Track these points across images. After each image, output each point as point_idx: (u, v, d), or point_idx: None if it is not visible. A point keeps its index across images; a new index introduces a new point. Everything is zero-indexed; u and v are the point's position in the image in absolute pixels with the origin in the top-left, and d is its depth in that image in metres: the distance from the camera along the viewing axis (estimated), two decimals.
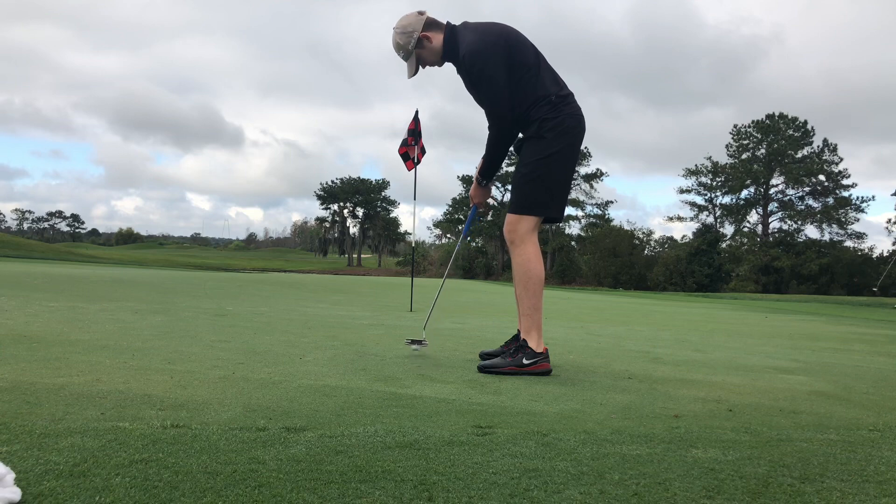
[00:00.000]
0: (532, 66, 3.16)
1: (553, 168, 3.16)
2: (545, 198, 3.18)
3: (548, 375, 3.00)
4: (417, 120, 6.97)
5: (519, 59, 3.13)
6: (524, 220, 3.18)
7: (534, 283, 3.14)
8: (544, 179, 3.16)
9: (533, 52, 3.20)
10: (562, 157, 3.16)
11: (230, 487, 1.35)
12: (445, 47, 3.22)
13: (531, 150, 3.18)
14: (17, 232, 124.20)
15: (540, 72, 3.17)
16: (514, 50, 3.14)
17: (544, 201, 3.18)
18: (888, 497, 1.48)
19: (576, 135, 3.19)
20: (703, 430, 2.04)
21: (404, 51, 3.26)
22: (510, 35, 3.19)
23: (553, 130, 3.13)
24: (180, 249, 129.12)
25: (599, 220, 56.04)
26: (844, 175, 49.32)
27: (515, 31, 3.25)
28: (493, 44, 3.13)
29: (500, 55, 3.10)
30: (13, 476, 1.26)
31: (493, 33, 3.18)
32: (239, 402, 2.15)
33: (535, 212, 3.18)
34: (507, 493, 1.39)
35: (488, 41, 3.14)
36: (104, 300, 5.86)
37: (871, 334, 6.39)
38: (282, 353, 3.26)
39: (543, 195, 3.18)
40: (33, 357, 2.75)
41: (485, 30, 3.20)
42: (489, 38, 3.15)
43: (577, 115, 3.21)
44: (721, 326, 6.57)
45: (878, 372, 3.63)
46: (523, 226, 3.18)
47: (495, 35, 3.16)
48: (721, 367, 3.52)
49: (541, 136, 3.14)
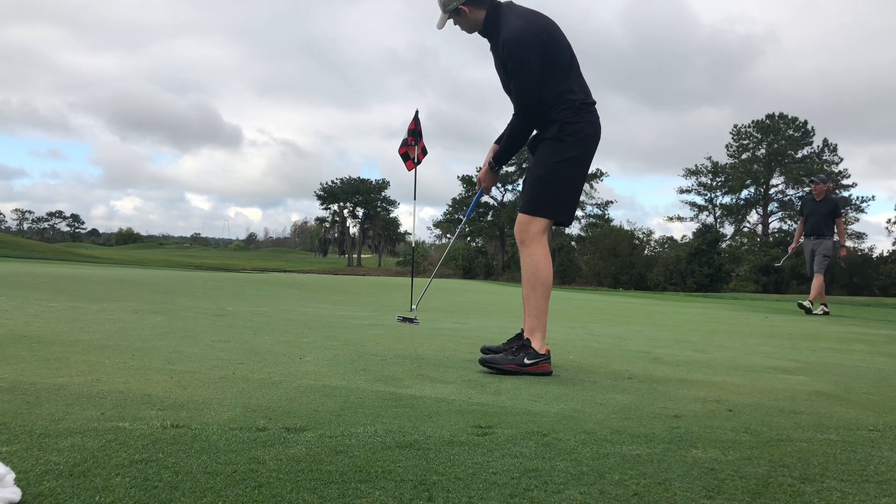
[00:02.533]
0: (565, 69, 3.17)
1: (569, 173, 3.18)
2: (558, 202, 3.20)
3: (548, 376, 3.00)
4: (417, 120, 6.97)
5: (555, 57, 3.14)
6: (536, 222, 3.19)
7: (542, 284, 3.15)
8: (559, 183, 3.18)
9: (568, 55, 3.21)
10: (577, 163, 3.18)
11: (230, 487, 1.35)
12: (486, 23, 3.20)
13: (549, 151, 3.18)
14: (17, 232, 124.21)
15: (570, 74, 3.19)
16: (553, 47, 3.14)
17: (557, 205, 3.20)
18: (888, 497, 1.48)
19: (592, 143, 3.21)
20: (703, 430, 2.04)
21: (441, 7, 3.24)
22: (553, 31, 3.18)
23: (573, 135, 3.15)
24: (180, 249, 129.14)
25: (599, 220, 56.03)
26: (844, 175, 49.33)
27: (557, 28, 3.23)
28: (536, 35, 3.11)
29: (539, 48, 3.09)
30: (13, 476, 1.26)
31: (538, 25, 3.15)
32: (239, 402, 2.15)
33: (548, 214, 3.20)
34: (507, 493, 1.39)
35: (532, 31, 3.12)
36: (104, 300, 5.86)
37: (871, 334, 6.39)
38: (282, 353, 3.26)
39: (557, 199, 3.20)
40: (33, 357, 2.75)
41: (531, 19, 3.17)
42: (534, 28, 3.13)
43: (596, 123, 3.23)
44: (721, 326, 6.57)
45: (878, 372, 3.63)
46: (535, 227, 3.19)
47: (539, 27, 3.14)
48: (721, 367, 3.52)
49: (560, 139, 3.15)
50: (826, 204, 9.35)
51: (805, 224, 9.53)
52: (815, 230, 9.30)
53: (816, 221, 9.29)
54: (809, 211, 9.46)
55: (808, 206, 9.60)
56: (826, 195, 9.39)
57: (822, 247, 9.21)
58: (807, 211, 9.53)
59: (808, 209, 9.50)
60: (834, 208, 9.35)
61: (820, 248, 9.22)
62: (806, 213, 9.56)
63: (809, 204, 9.55)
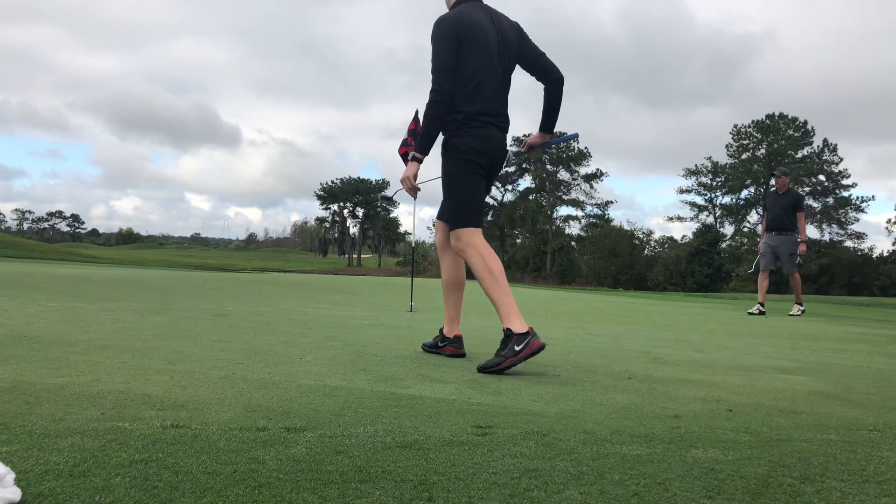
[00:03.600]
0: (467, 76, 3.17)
1: (457, 187, 3.26)
2: (466, 212, 3.27)
3: (542, 350, 3.03)
4: (417, 120, 6.96)
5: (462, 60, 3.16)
6: (462, 233, 3.26)
7: (496, 273, 3.17)
8: (454, 198, 3.29)
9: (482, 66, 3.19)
10: (460, 178, 3.25)
11: (230, 487, 1.35)
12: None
13: (442, 164, 3.32)
14: (17, 232, 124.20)
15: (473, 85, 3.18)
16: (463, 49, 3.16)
17: (467, 216, 3.27)
18: (888, 497, 1.48)
19: (479, 156, 3.22)
20: (703, 430, 2.04)
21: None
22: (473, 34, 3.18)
23: (454, 150, 3.23)
24: (180, 249, 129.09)
25: (599, 221, 56.04)
26: (844, 175, 49.34)
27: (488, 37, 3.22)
28: (452, 25, 3.16)
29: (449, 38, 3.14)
30: (13, 476, 1.26)
31: (462, 22, 3.18)
32: (239, 402, 2.15)
33: (466, 225, 3.27)
34: (507, 493, 1.39)
35: (451, 21, 3.17)
36: (104, 300, 5.86)
37: (871, 334, 6.39)
38: (282, 353, 3.26)
39: (463, 210, 3.28)
40: (33, 357, 2.75)
41: (463, 14, 3.22)
42: (454, 20, 3.18)
43: (484, 136, 3.23)
44: (721, 326, 6.57)
45: (878, 372, 3.63)
46: (464, 237, 3.26)
47: (461, 24, 3.17)
48: (721, 367, 3.52)
49: (444, 153, 3.28)
50: (788, 197, 8.97)
51: (767, 218, 9.21)
52: (778, 224, 8.96)
53: (778, 215, 8.93)
54: (771, 204, 9.10)
55: (769, 199, 9.22)
56: (788, 188, 9.06)
57: (786, 246, 8.85)
58: (769, 205, 9.17)
59: (770, 203, 9.15)
60: (796, 201, 8.96)
61: (785, 248, 8.85)
62: (768, 207, 9.19)
63: (771, 197, 9.17)
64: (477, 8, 3.30)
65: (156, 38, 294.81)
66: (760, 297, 9.02)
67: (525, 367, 3.14)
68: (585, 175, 56.92)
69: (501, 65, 3.27)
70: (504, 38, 3.29)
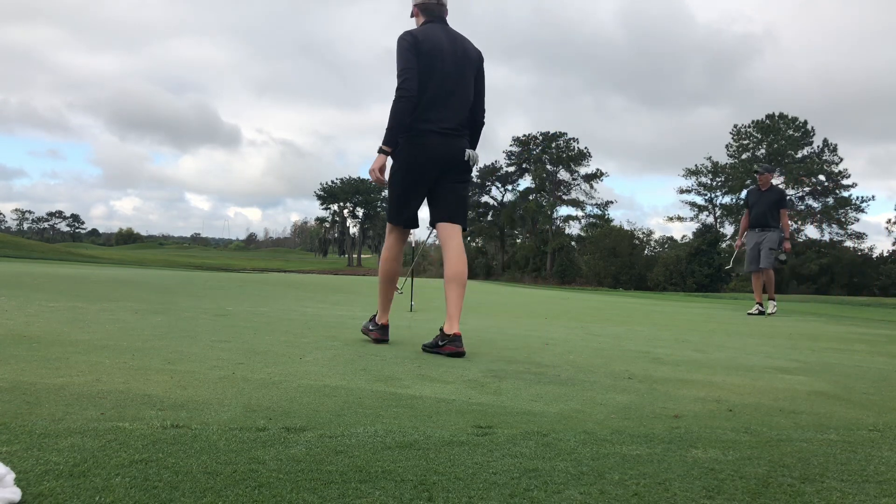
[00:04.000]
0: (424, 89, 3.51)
1: (394, 186, 3.67)
2: (392, 210, 3.71)
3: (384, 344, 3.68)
4: None
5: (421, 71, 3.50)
6: (388, 227, 3.84)
7: (381, 273, 3.83)
8: (390, 195, 3.72)
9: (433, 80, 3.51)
10: (398, 180, 3.65)
11: (230, 487, 1.35)
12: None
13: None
14: (17, 232, 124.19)
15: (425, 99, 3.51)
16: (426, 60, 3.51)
17: (392, 213, 3.72)
18: (888, 497, 1.48)
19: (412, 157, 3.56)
20: (703, 430, 2.04)
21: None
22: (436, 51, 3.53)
23: (398, 155, 3.60)
24: (180, 249, 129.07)
25: (599, 221, 56.04)
26: (844, 175, 49.34)
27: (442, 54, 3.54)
28: (408, 42, 3.52)
29: (409, 49, 3.50)
30: (13, 476, 1.26)
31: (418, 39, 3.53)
32: (239, 402, 2.15)
33: (388, 220, 3.80)
34: (507, 493, 1.39)
35: (408, 39, 3.53)
36: (104, 300, 5.86)
37: (871, 334, 6.39)
38: (282, 353, 3.26)
39: (391, 207, 3.73)
40: (33, 357, 2.75)
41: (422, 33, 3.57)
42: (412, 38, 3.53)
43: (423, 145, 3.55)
44: (721, 326, 6.57)
45: (878, 372, 3.63)
46: (387, 230, 3.84)
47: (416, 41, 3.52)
48: (721, 367, 3.52)
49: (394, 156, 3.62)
50: (771, 194, 8.79)
51: (749, 216, 8.96)
52: (760, 221, 8.73)
53: (761, 212, 8.71)
54: (754, 201, 8.87)
55: (752, 196, 8.98)
56: (771, 185, 8.87)
57: (767, 240, 8.65)
58: (751, 201, 8.94)
59: (753, 199, 8.91)
60: (779, 198, 8.82)
61: (765, 242, 8.65)
62: (750, 203, 8.96)
63: (754, 194, 8.94)
64: (438, 28, 3.62)
65: (155, 38, 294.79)
66: (758, 298, 8.96)
67: (525, 367, 3.15)
68: (585, 175, 56.96)
69: (457, 81, 3.58)
70: (464, 57, 3.61)
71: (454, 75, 3.55)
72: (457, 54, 3.58)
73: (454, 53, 3.57)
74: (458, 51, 3.59)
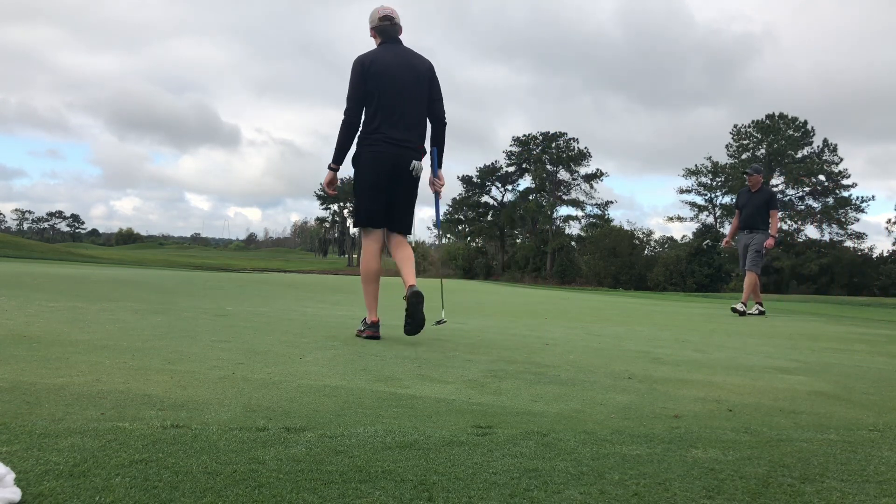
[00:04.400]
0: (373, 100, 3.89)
1: (357, 189, 4.04)
2: (357, 212, 4.04)
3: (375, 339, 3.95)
4: None
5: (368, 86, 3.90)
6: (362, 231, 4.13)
7: (363, 273, 4.13)
8: (354, 196, 4.07)
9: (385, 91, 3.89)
10: (359, 182, 4.02)
11: (230, 487, 1.35)
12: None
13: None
14: (17, 232, 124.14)
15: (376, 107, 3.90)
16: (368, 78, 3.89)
17: (357, 216, 4.04)
18: (888, 497, 1.48)
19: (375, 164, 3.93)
20: (703, 430, 2.04)
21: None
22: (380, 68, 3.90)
23: (356, 159, 4.01)
24: (180, 249, 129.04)
25: (599, 221, 56.02)
26: (844, 175, 49.31)
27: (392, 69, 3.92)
28: (360, 62, 3.93)
29: (356, 72, 3.92)
30: (13, 476, 1.26)
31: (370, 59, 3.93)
32: (239, 402, 2.15)
33: (357, 223, 4.11)
34: (507, 493, 1.39)
35: (361, 59, 3.95)
36: (104, 300, 5.86)
37: (871, 334, 6.39)
38: (282, 353, 3.26)
39: (356, 210, 4.06)
40: (33, 357, 2.75)
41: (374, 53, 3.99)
42: (365, 58, 3.94)
43: (376, 150, 3.91)
44: (721, 326, 6.57)
45: (878, 372, 3.63)
46: (363, 234, 4.14)
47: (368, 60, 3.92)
48: (721, 367, 3.52)
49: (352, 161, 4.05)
50: (761, 195, 8.69)
51: (739, 217, 8.86)
52: (750, 223, 8.64)
53: (751, 214, 8.62)
54: (744, 203, 8.77)
55: (742, 197, 8.87)
56: (761, 186, 8.76)
57: (754, 242, 8.55)
58: (741, 203, 8.85)
59: (743, 201, 8.81)
60: (769, 199, 8.70)
61: (753, 244, 8.55)
62: (740, 205, 8.88)
63: (744, 195, 8.84)
64: (390, 49, 4.01)
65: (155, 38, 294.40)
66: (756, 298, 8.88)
67: (525, 367, 3.15)
68: (585, 175, 56.92)
69: (406, 96, 3.93)
70: (413, 72, 3.97)
71: (403, 92, 3.92)
72: (406, 71, 3.95)
73: (403, 71, 3.94)
74: (407, 68, 3.96)
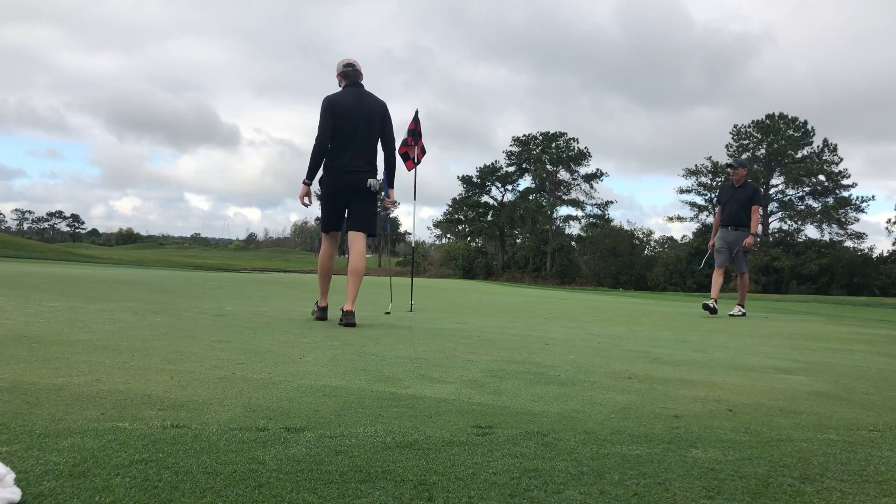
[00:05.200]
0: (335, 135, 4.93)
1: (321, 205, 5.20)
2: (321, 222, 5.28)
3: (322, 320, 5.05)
4: (417, 120, 6.97)
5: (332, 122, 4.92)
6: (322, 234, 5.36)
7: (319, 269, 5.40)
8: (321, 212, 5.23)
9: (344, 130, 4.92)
10: (321, 199, 5.20)
11: (230, 487, 1.35)
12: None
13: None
14: (17, 232, 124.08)
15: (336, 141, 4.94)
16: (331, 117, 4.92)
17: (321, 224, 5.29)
18: (888, 497, 1.48)
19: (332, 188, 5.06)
20: (703, 430, 2.04)
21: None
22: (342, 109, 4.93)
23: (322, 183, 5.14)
24: (180, 249, 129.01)
25: (599, 221, 55.99)
26: (844, 175, 49.31)
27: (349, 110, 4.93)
28: (328, 102, 4.97)
29: (324, 109, 4.96)
30: (13, 476, 1.26)
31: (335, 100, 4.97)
32: (239, 402, 2.15)
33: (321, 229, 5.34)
34: (507, 493, 1.39)
35: (328, 100, 5.00)
36: (104, 300, 5.86)
37: (871, 334, 6.39)
38: (282, 353, 3.26)
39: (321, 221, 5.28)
40: (33, 357, 2.75)
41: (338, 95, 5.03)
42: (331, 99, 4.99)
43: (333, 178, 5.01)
44: (721, 326, 6.57)
45: (879, 372, 3.63)
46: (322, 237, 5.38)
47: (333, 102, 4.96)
48: (721, 367, 3.52)
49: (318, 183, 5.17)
50: (745, 191, 8.30)
51: (722, 213, 8.45)
52: (734, 219, 8.25)
53: (735, 210, 8.24)
54: (727, 198, 8.40)
55: (725, 193, 8.50)
56: (745, 182, 8.36)
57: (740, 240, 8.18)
58: (724, 198, 8.47)
59: (726, 196, 8.43)
60: (753, 195, 8.30)
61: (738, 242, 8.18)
62: (724, 200, 8.48)
63: (728, 191, 8.47)
64: (351, 92, 5.03)
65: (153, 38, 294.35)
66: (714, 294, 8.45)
67: (525, 367, 3.15)
68: (585, 175, 56.89)
69: (361, 132, 4.94)
70: (367, 112, 4.98)
71: (358, 129, 4.92)
72: (360, 111, 4.94)
73: (359, 111, 4.94)
74: (363, 108, 4.96)
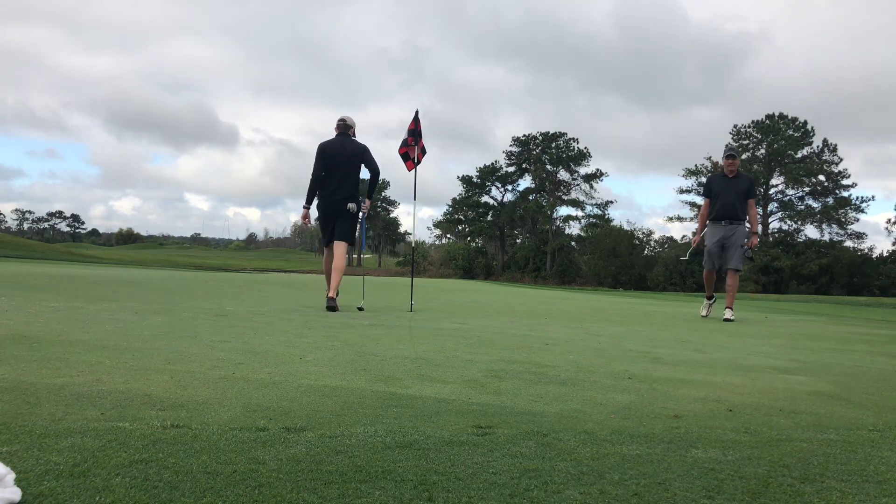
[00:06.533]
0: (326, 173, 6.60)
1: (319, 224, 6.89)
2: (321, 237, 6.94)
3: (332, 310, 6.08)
4: (417, 120, 6.97)
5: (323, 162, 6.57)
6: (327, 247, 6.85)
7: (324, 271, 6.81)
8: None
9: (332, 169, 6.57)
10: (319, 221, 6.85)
11: (230, 487, 1.35)
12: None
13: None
14: (17, 232, 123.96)
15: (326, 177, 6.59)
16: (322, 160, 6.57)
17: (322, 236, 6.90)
18: (888, 497, 1.48)
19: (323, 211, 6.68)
20: (703, 430, 2.04)
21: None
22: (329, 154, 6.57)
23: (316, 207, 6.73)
24: (180, 249, 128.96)
25: (599, 221, 55.98)
26: (844, 175, 49.30)
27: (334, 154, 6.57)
28: (320, 148, 6.65)
29: (317, 154, 6.65)
30: (13, 476, 1.26)
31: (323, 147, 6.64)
32: (239, 402, 2.15)
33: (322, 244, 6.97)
34: (507, 493, 1.39)
35: (321, 146, 6.66)
36: (104, 300, 5.86)
37: (871, 334, 6.39)
38: (282, 353, 3.26)
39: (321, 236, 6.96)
40: (33, 357, 2.75)
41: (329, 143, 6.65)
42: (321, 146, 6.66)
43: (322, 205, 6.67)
44: (721, 326, 6.57)
45: (878, 372, 3.63)
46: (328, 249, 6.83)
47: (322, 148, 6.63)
48: (721, 367, 3.52)
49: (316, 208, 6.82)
50: (741, 182, 7.57)
51: (712, 206, 7.68)
52: (729, 213, 7.49)
53: (730, 202, 7.48)
54: (720, 190, 7.60)
55: (717, 184, 7.72)
56: (738, 172, 7.66)
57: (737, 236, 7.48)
58: (716, 190, 7.66)
59: (718, 188, 7.64)
60: (749, 187, 7.60)
61: (735, 238, 7.48)
62: (714, 192, 7.67)
63: (719, 182, 7.69)
64: (339, 139, 6.65)
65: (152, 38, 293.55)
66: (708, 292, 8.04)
67: (525, 367, 3.15)
68: (585, 175, 56.89)
69: (343, 171, 6.53)
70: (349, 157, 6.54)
71: (342, 168, 6.53)
72: (344, 155, 6.54)
73: (342, 155, 6.54)
74: (346, 153, 6.55)
